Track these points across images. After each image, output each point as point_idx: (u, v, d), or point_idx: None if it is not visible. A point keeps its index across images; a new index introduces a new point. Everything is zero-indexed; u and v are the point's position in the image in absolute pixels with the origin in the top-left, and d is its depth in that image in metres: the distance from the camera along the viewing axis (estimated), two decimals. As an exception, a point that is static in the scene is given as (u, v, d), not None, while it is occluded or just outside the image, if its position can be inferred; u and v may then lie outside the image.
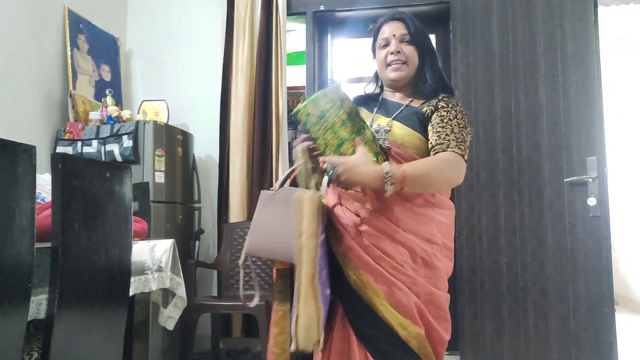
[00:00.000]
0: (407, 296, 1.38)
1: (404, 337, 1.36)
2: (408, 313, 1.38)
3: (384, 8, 3.21)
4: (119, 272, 1.54)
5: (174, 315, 2.34)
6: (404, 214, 1.44)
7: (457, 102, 1.54)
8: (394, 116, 1.53)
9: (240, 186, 3.18)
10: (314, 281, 1.24)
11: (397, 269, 1.40)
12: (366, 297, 1.38)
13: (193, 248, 3.27)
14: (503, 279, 2.67)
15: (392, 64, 1.55)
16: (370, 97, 1.67)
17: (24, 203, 1.16)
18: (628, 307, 4.80)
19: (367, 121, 1.53)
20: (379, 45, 1.59)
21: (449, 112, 1.47)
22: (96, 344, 1.47)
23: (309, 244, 1.25)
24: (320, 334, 1.24)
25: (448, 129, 1.44)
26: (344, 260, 1.43)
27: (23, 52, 2.74)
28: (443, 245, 1.49)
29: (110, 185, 1.49)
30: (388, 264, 1.40)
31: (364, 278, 1.39)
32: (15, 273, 1.14)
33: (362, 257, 1.40)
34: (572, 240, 2.55)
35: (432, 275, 1.45)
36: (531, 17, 2.74)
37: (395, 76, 1.55)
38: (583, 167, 2.53)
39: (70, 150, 2.85)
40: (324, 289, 1.31)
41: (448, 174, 1.42)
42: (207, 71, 3.46)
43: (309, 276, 1.24)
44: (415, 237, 1.43)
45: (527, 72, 2.72)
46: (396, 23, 1.57)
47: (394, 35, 1.55)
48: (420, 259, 1.43)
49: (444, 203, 1.53)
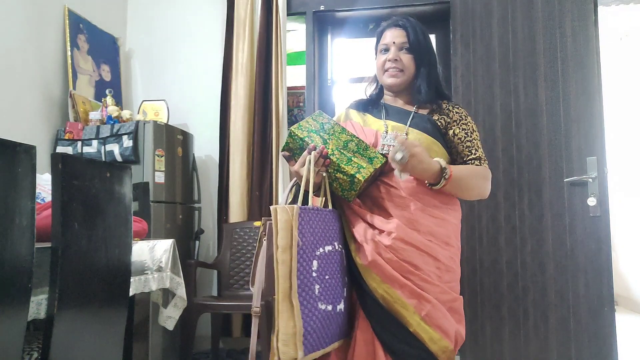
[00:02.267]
0: (437, 309, 1.38)
1: (435, 352, 1.36)
2: (439, 327, 1.38)
3: (384, 8, 3.21)
4: (119, 272, 1.54)
5: (174, 315, 2.34)
6: (423, 218, 1.45)
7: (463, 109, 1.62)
8: (409, 123, 1.56)
9: (240, 186, 3.18)
10: (291, 296, 1.22)
11: (427, 280, 1.40)
12: (395, 311, 1.37)
13: (193, 248, 3.27)
14: (503, 279, 2.66)
15: (388, 70, 1.60)
16: (371, 102, 1.70)
17: (24, 203, 1.15)
18: (628, 307, 4.80)
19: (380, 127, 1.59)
20: (379, 50, 1.64)
21: (467, 124, 1.59)
22: (96, 344, 1.47)
23: (283, 258, 1.23)
24: (298, 350, 1.22)
25: (475, 144, 1.58)
26: (368, 274, 1.40)
27: (23, 52, 2.73)
28: (457, 248, 1.52)
29: (110, 185, 1.49)
30: (417, 277, 1.39)
31: (392, 292, 1.37)
32: (15, 273, 1.14)
33: (389, 272, 1.38)
34: (572, 240, 2.55)
35: (452, 279, 1.47)
36: (531, 17, 2.74)
37: (391, 82, 1.61)
38: (583, 167, 2.53)
39: (70, 150, 2.85)
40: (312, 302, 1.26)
41: (482, 185, 1.55)
42: (207, 71, 3.47)
43: (285, 291, 1.22)
44: (436, 241, 1.44)
45: (527, 72, 2.72)
46: (398, 30, 1.60)
47: (393, 42, 1.59)
48: (442, 265, 1.44)
49: (455, 203, 1.56)
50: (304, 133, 1.46)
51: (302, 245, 1.26)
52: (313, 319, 1.26)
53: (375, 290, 1.38)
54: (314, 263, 1.29)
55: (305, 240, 1.27)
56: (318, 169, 1.41)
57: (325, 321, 1.30)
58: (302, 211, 1.29)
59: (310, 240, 1.30)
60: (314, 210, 1.35)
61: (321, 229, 1.35)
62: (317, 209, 1.37)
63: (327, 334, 1.32)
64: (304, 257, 1.26)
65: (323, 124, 1.52)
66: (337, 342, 1.39)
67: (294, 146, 1.47)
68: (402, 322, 1.36)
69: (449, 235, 1.48)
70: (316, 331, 1.27)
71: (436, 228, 1.46)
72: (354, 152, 1.46)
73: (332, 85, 3.57)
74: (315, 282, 1.28)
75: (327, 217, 1.40)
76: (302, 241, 1.26)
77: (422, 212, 1.45)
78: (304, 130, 1.47)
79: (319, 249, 1.31)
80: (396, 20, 1.63)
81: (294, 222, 1.25)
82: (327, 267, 1.33)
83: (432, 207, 1.47)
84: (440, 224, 1.47)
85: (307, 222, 1.30)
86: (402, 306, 1.36)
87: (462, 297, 1.51)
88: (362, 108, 1.68)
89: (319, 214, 1.37)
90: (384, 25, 1.65)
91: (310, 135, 1.46)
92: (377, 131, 1.59)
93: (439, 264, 1.43)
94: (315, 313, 1.26)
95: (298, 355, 1.22)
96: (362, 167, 1.42)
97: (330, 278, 1.33)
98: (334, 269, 1.36)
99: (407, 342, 1.36)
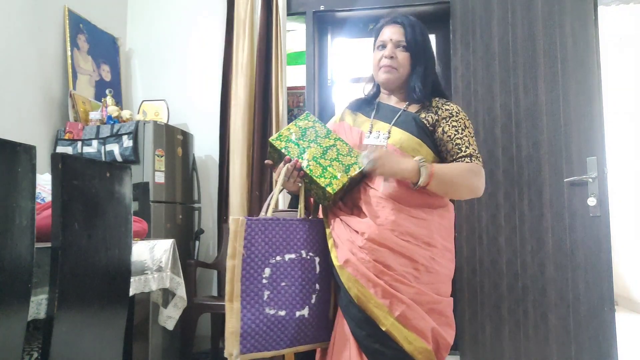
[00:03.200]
0: (412, 309, 1.38)
1: (411, 352, 1.36)
2: (414, 327, 1.37)
3: (383, 8, 3.21)
4: (119, 272, 1.54)
5: (174, 315, 2.34)
6: (401, 218, 1.44)
7: (458, 106, 1.58)
8: (393, 122, 1.55)
9: (240, 186, 3.18)
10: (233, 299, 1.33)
11: (401, 281, 1.39)
12: (369, 310, 1.37)
13: (193, 248, 3.27)
14: (503, 279, 2.66)
15: (383, 67, 1.59)
16: (367, 101, 1.70)
17: (24, 203, 1.16)
18: (628, 307, 4.80)
19: (367, 126, 1.59)
20: (376, 46, 1.63)
21: (458, 121, 1.54)
22: (96, 344, 1.47)
23: (229, 264, 1.34)
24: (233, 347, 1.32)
25: (466, 140, 1.52)
26: (343, 274, 1.41)
27: (23, 52, 2.74)
28: (443, 248, 1.49)
29: (110, 185, 1.49)
30: (390, 277, 1.39)
31: (365, 292, 1.38)
32: (15, 273, 1.14)
33: (362, 271, 1.39)
34: (572, 240, 2.55)
35: (433, 280, 1.45)
36: (531, 17, 2.74)
37: (384, 79, 1.60)
38: (583, 167, 2.53)
39: (70, 150, 2.85)
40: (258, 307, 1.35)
41: (473, 182, 1.49)
42: (207, 71, 3.47)
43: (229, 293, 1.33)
44: (414, 241, 1.43)
45: (527, 72, 2.72)
46: (395, 27, 1.60)
47: (390, 39, 1.58)
48: (421, 266, 1.43)
49: (441, 203, 1.53)
50: (282, 144, 1.51)
51: (250, 253, 1.36)
52: (256, 322, 1.35)
53: (350, 289, 1.40)
54: (265, 270, 1.38)
55: (255, 249, 1.37)
56: (294, 180, 1.47)
57: (273, 325, 1.38)
58: (251, 222, 1.37)
59: (263, 249, 1.38)
60: (271, 220, 1.42)
61: (281, 238, 1.42)
62: (277, 220, 1.43)
63: (276, 337, 1.39)
64: (252, 264, 1.36)
65: (305, 130, 1.55)
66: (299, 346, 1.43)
67: (275, 156, 1.55)
68: (375, 322, 1.37)
69: (430, 235, 1.46)
70: (259, 334, 1.35)
71: (415, 228, 1.44)
72: (332, 159, 1.48)
73: (332, 85, 3.57)
74: (265, 288, 1.37)
75: (292, 227, 1.45)
76: (248, 250, 1.36)
77: (400, 213, 1.44)
78: (283, 140, 1.52)
79: (274, 257, 1.40)
80: (395, 18, 1.62)
81: (239, 232, 1.35)
82: (284, 274, 1.41)
83: (412, 208, 1.46)
84: (420, 224, 1.45)
85: (260, 232, 1.39)
86: (375, 306, 1.37)
87: (452, 299, 1.50)
88: (356, 107, 1.69)
89: (279, 224, 1.43)
90: (383, 22, 1.65)
91: (288, 145, 1.51)
92: (362, 132, 1.59)
93: (417, 265, 1.42)
94: (260, 317, 1.36)
95: (233, 352, 1.32)
96: (335, 177, 1.45)
97: (287, 285, 1.41)
98: (294, 276, 1.42)
99: (381, 341, 1.36)
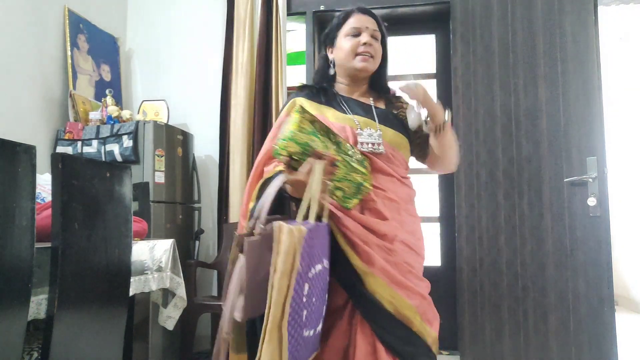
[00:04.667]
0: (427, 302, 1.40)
1: (430, 345, 1.38)
2: (428, 320, 1.39)
3: (383, 8, 3.21)
4: (119, 272, 1.54)
5: (174, 315, 2.34)
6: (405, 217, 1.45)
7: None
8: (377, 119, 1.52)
9: (240, 186, 3.18)
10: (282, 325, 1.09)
11: (419, 277, 1.41)
12: (401, 315, 1.35)
13: (193, 248, 3.27)
14: (503, 279, 2.66)
15: (362, 54, 1.50)
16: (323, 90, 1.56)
17: (24, 203, 1.16)
18: (628, 307, 4.80)
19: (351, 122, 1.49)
20: (348, 33, 1.53)
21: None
22: (96, 344, 1.47)
23: (281, 284, 1.09)
24: None
25: None
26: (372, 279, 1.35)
27: (23, 52, 2.74)
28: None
29: (110, 185, 1.49)
30: (413, 276, 1.39)
31: (398, 297, 1.35)
32: (15, 273, 1.14)
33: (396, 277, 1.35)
34: (572, 240, 2.55)
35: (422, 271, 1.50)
36: (531, 17, 2.74)
37: (363, 66, 1.51)
38: (583, 167, 2.53)
39: (70, 150, 2.85)
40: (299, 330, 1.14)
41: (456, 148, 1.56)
42: (207, 71, 3.47)
43: (276, 319, 1.09)
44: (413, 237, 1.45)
45: (527, 72, 2.72)
46: (368, 17, 1.55)
47: (367, 27, 1.52)
48: (422, 260, 1.48)
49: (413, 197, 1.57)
50: (305, 137, 1.23)
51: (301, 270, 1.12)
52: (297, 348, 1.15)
53: (378, 294, 1.34)
54: (305, 287, 1.15)
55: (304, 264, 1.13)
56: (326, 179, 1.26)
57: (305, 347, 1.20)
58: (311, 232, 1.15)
59: (307, 263, 1.15)
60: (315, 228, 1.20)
61: (317, 248, 1.21)
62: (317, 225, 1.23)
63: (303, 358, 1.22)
64: (299, 282, 1.12)
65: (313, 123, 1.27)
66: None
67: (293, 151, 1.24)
68: (407, 325, 1.35)
69: (420, 231, 1.51)
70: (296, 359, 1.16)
71: (413, 226, 1.47)
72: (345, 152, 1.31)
73: (332, 85, 3.56)
74: (305, 307, 1.16)
75: (323, 233, 1.27)
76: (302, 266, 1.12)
77: (404, 212, 1.46)
78: (304, 132, 1.23)
79: (311, 270, 1.18)
80: (364, 8, 1.57)
81: (298, 246, 1.10)
82: (315, 289, 1.21)
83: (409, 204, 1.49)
84: (415, 221, 1.49)
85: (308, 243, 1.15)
86: (407, 309, 1.35)
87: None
88: (316, 99, 1.54)
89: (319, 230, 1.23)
90: (350, 10, 1.58)
91: (311, 138, 1.23)
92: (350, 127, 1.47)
93: (421, 260, 1.47)
94: (299, 341, 1.15)
95: None
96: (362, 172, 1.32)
97: (316, 300, 1.22)
98: (320, 289, 1.24)
99: (412, 343, 1.35)
